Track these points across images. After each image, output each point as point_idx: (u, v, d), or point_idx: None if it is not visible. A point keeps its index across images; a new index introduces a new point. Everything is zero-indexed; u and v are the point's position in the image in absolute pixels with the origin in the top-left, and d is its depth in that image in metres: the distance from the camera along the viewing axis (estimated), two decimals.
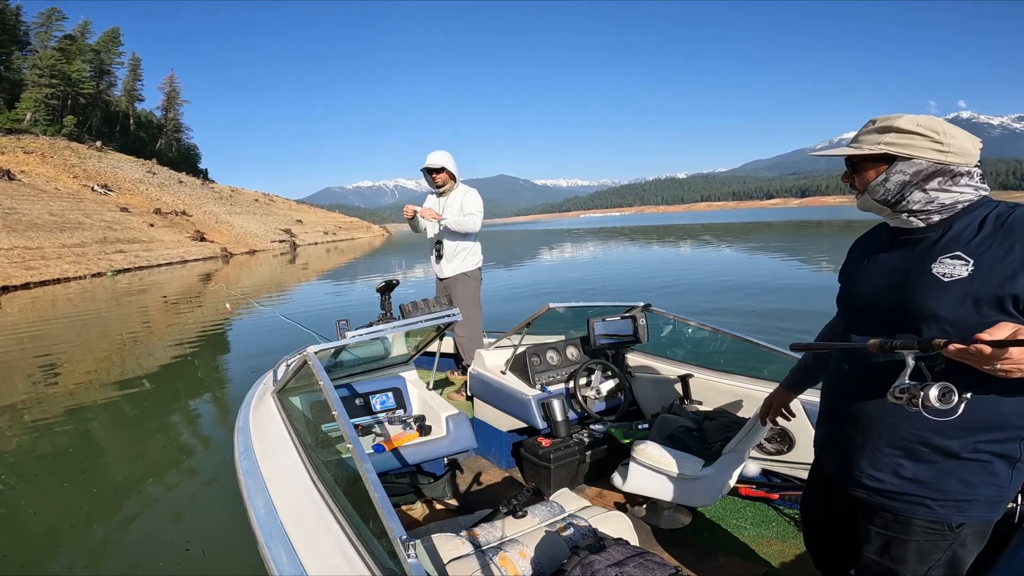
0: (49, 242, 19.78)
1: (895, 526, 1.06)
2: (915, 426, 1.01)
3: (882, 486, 1.06)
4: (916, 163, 1.02)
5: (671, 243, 25.72)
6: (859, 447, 1.10)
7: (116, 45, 58.46)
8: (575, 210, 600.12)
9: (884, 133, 1.05)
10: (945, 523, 1.01)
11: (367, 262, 24.32)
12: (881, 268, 1.11)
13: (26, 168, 30.46)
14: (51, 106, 48.01)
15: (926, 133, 1.01)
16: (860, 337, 1.09)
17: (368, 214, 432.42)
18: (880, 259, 1.13)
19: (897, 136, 1.03)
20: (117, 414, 4.63)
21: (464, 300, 3.66)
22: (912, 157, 1.02)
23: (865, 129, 1.09)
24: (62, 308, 12.12)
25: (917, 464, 1.02)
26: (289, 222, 45.79)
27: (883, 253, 1.13)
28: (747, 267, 14.33)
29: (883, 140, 1.04)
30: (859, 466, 1.09)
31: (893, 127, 1.03)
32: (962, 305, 0.95)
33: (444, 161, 3.57)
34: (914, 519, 1.03)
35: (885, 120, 1.06)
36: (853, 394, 1.11)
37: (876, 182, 1.07)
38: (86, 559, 2.46)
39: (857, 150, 1.07)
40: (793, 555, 1.94)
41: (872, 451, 1.07)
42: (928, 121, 1.02)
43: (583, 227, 70.87)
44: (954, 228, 1.01)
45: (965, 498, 1.00)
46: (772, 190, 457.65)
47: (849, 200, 14.33)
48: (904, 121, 1.03)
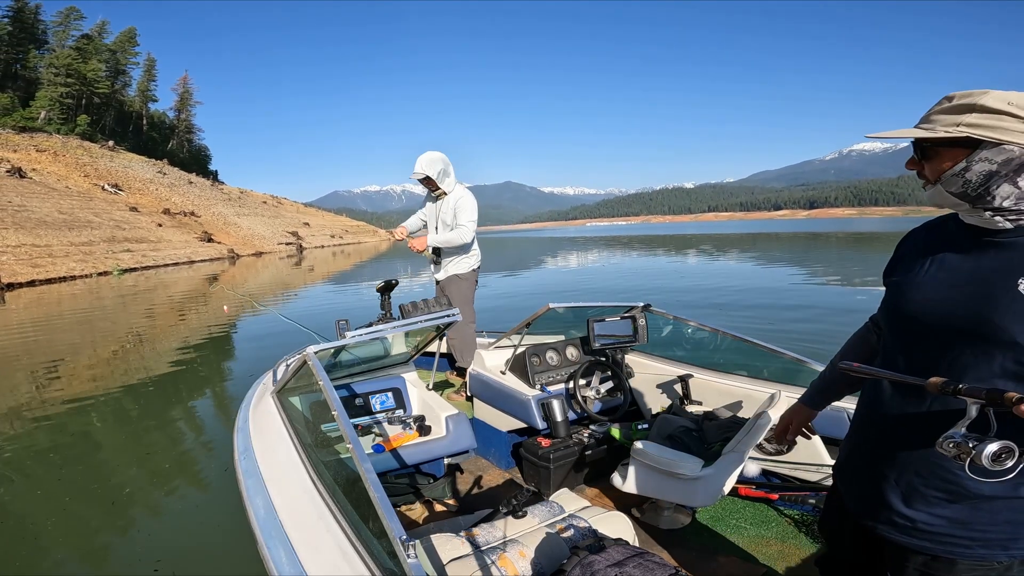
0: (57, 240, 19.87)
1: (936, 565, 0.95)
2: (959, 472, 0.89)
3: (916, 526, 0.96)
4: (1007, 150, 0.83)
5: (677, 253, 25.66)
6: (892, 484, 0.98)
7: (132, 45, 58.75)
8: (581, 218, 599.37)
9: (965, 113, 0.86)
10: (992, 561, 0.92)
11: (371, 266, 24.35)
12: (952, 274, 0.92)
13: (38, 166, 30.67)
14: (65, 105, 48.12)
15: (1020, 114, 0.83)
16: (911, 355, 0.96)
17: (375, 218, 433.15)
18: (950, 262, 0.94)
19: (982, 116, 0.84)
20: (119, 412, 4.65)
21: (456, 302, 3.63)
22: (1001, 142, 0.84)
23: (940, 107, 0.90)
24: (68, 305, 12.13)
25: (959, 506, 0.92)
26: (296, 225, 45.93)
27: (954, 256, 0.94)
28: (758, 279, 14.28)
29: (964, 121, 0.85)
30: (890, 504, 0.98)
31: (978, 105, 0.84)
32: None
33: (424, 168, 3.50)
34: (958, 561, 0.93)
35: (966, 96, 0.87)
36: (896, 429, 0.98)
37: (953, 172, 0.88)
38: (84, 558, 2.46)
39: (929, 132, 0.89)
40: (793, 555, 1.93)
41: (906, 489, 0.96)
42: (1018, 97, 0.84)
43: (589, 235, 70.80)
44: None
45: (1011, 536, 0.91)
46: (780, 201, 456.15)
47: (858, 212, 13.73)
48: (991, 98, 0.84)
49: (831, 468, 2.11)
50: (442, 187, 3.58)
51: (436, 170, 3.51)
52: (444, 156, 3.60)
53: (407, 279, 14.88)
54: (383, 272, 21.18)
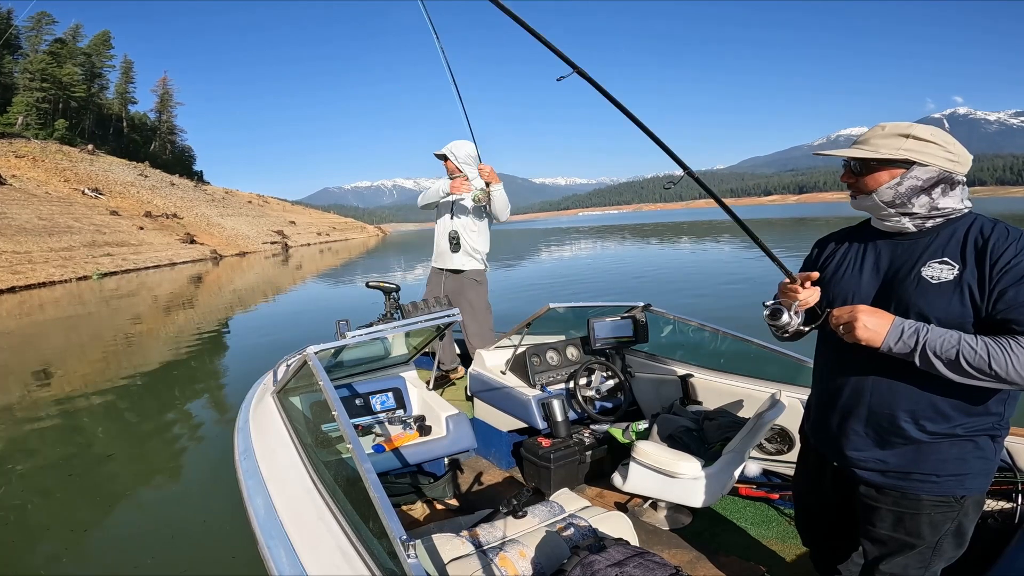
0: (37, 246, 19.67)
1: (905, 503, 1.14)
2: (910, 411, 1.11)
3: (887, 467, 1.15)
4: (930, 170, 1.10)
5: (671, 240, 25.79)
6: (856, 430, 1.18)
7: (107, 48, 58.19)
8: (573, 208, 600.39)
9: (903, 139, 1.11)
10: (951, 496, 1.12)
11: (360, 263, 24.25)
12: (871, 267, 1.19)
13: (17, 172, 30.23)
14: (43, 110, 47.74)
15: (940, 142, 1.10)
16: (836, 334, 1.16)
17: (366, 214, 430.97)
18: (867, 260, 1.20)
19: (916, 143, 1.10)
20: (117, 414, 4.62)
21: (477, 305, 3.56)
22: (929, 164, 1.10)
23: (878, 133, 1.15)
24: (50, 311, 12.08)
25: (915, 444, 1.12)
26: (282, 223, 45.52)
27: (869, 254, 1.20)
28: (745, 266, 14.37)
29: (904, 146, 1.11)
30: (858, 448, 1.18)
31: (912, 135, 1.11)
32: (948, 305, 1.05)
33: (446, 150, 3.44)
34: (923, 495, 1.12)
35: (902, 127, 1.13)
36: (842, 375, 1.20)
37: (888, 185, 1.12)
38: (84, 559, 2.46)
39: (874, 152, 1.13)
40: (793, 555, 1.94)
41: (870, 433, 1.16)
42: (938, 132, 1.12)
43: (582, 225, 70.89)
44: (941, 235, 1.11)
45: (962, 472, 1.11)
46: (770, 187, 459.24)
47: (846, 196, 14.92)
48: (920, 130, 1.11)
49: None
50: (464, 172, 3.49)
51: (461, 153, 3.44)
52: (472, 147, 3.51)
53: (402, 275, 14.85)
54: (375, 268, 21.08)
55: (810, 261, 1.34)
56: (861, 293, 1.18)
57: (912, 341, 1.04)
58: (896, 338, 1.05)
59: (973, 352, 0.99)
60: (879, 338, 1.06)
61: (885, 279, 1.15)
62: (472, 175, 3.50)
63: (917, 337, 1.03)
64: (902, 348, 1.05)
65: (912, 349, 1.04)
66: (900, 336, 1.05)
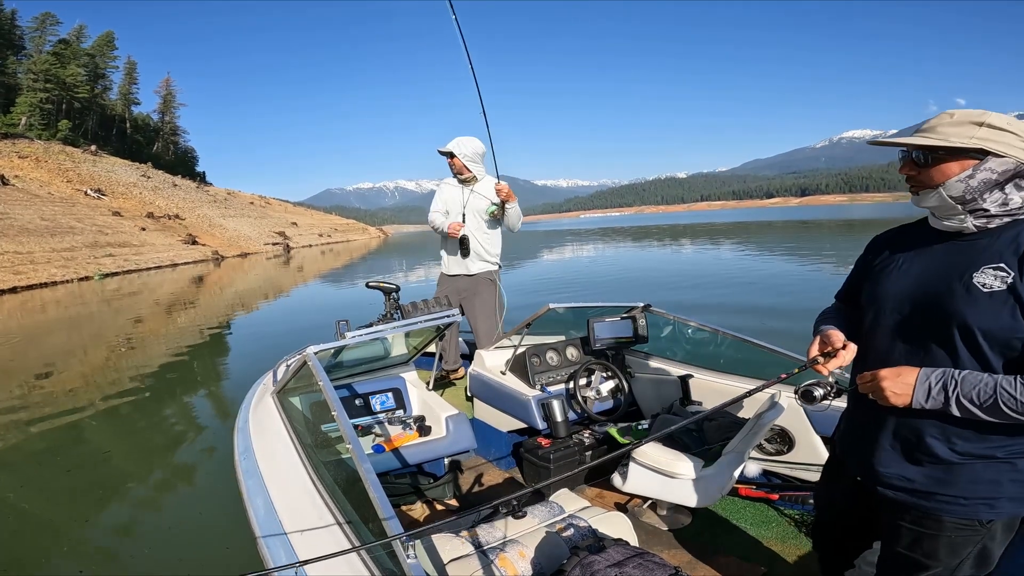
0: (39, 246, 19.73)
1: (926, 522, 1.07)
2: (941, 429, 1.03)
3: (912, 485, 1.08)
4: (1006, 161, 0.99)
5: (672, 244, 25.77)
6: (886, 447, 1.11)
7: (111, 49, 58.35)
8: (576, 210, 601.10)
9: (978, 127, 1.00)
10: (976, 520, 1.03)
11: (361, 265, 24.26)
12: (920, 270, 1.09)
13: (20, 173, 30.32)
14: (46, 110, 47.84)
15: (1017, 131, 0.99)
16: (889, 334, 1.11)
17: (368, 215, 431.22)
18: (918, 261, 1.10)
19: (991, 132, 0.99)
20: (114, 415, 4.63)
21: (490, 307, 3.47)
22: (1006, 155, 0.99)
23: (945, 120, 1.03)
24: (52, 312, 12.10)
25: (946, 465, 1.04)
26: (284, 225, 45.59)
27: (922, 255, 1.10)
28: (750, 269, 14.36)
29: (977, 135, 0.99)
30: (884, 463, 1.11)
31: (986, 123, 0.99)
32: (997, 318, 0.96)
33: (452, 146, 3.32)
34: (945, 517, 1.05)
35: (974, 115, 1.01)
36: None
37: (958, 178, 1.01)
38: (84, 559, 2.46)
39: (943, 141, 1.01)
40: (793, 555, 1.94)
41: (896, 448, 1.09)
42: (1014, 120, 1.01)
43: (584, 227, 70.76)
44: (1003, 238, 1.00)
45: (993, 495, 1.01)
46: (772, 189, 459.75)
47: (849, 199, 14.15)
48: (995, 118, 1.00)
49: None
50: (472, 171, 3.37)
51: (465, 154, 3.32)
52: (480, 144, 3.40)
53: (404, 276, 14.86)
54: (376, 269, 21.09)
55: (862, 263, 1.25)
56: (900, 298, 1.09)
57: (942, 397, 0.97)
58: (924, 395, 0.99)
59: (1013, 398, 0.92)
60: (907, 399, 1.00)
61: (932, 285, 1.05)
62: (480, 173, 3.41)
63: (946, 391, 0.96)
64: (934, 404, 0.98)
65: (945, 402, 0.97)
66: (928, 393, 0.98)
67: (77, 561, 2.43)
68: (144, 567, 2.36)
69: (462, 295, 3.51)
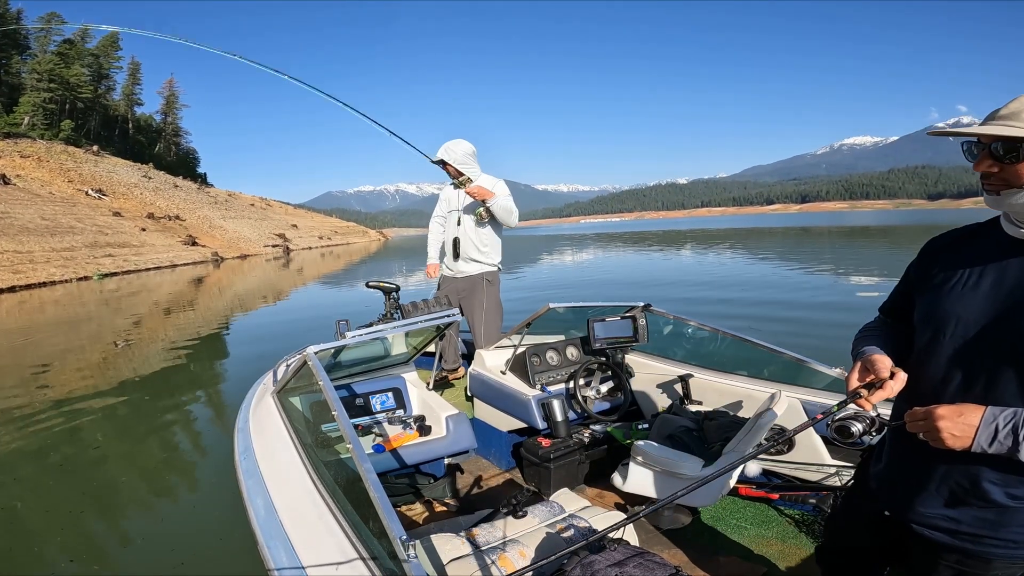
0: (39, 246, 19.77)
1: (971, 563, 0.97)
2: (1002, 473, 0.92)
3: (958, 527, 0.97)
4: None
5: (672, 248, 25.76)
6: (932, 490, 0.99)
7: (115, 50, 58.41)
8: (576, 215, 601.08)
9: None
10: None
11: (362, 267, 24.27)
12: (990, 287, 0.92)
13: (22, 172, 30.38)
14: (49, 110, 47.90)
15: None
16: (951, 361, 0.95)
17: (369, 218, 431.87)
18: (988, 275, 0.93)
19: None
20: (113, 415, 4.62)
21: (489, 307, 3.47)
22: None
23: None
24: (50, 311, 12.12)
25: (999, 508, 0.93)
26: (284, 227, 45.61)
27: (994, 269, 0.93)
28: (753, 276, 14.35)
29: None
30: (929, 506, 1.00)
31: None
32: None
33: (441, 153, 3.36)
34: (994, 559, 0.96)
35: None
36: None
37: None
38: (84, 559, 2.45)
39: None
40: (793, 555, 1.93)
41: (943, 491, 0.98)
42: None
43: (585, 232, 70.79)
44: None
45: None
46: (772, 196, 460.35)
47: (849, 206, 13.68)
48: None
49: (831, 468, 2.11)
50: (466, 173, 3.38)
51: (456, 157, 3.34)
52: (468, 144, 3.42)
53: (403, 278, 14.87)
54: (375, 272, 21.10)
55: (915, 270, 1.07)
56: (964, 319, 0.93)
57: (1009, 441, 0.83)
58: (989, 440, 0.84)
59: None
60: (967, 443, 0.85)
61: (1006, 305, 0.88)
62: (475, 174, 3.42)
63: (1016, 435, 0.82)
64: (998, 450, 0.84)
65: (1014, 447, 0.83)
66: (994, 437, 0.84)
67: (77, 561, 2.43)
68: (144, 567, 2.36)
69: (460, 295, 3.55)
